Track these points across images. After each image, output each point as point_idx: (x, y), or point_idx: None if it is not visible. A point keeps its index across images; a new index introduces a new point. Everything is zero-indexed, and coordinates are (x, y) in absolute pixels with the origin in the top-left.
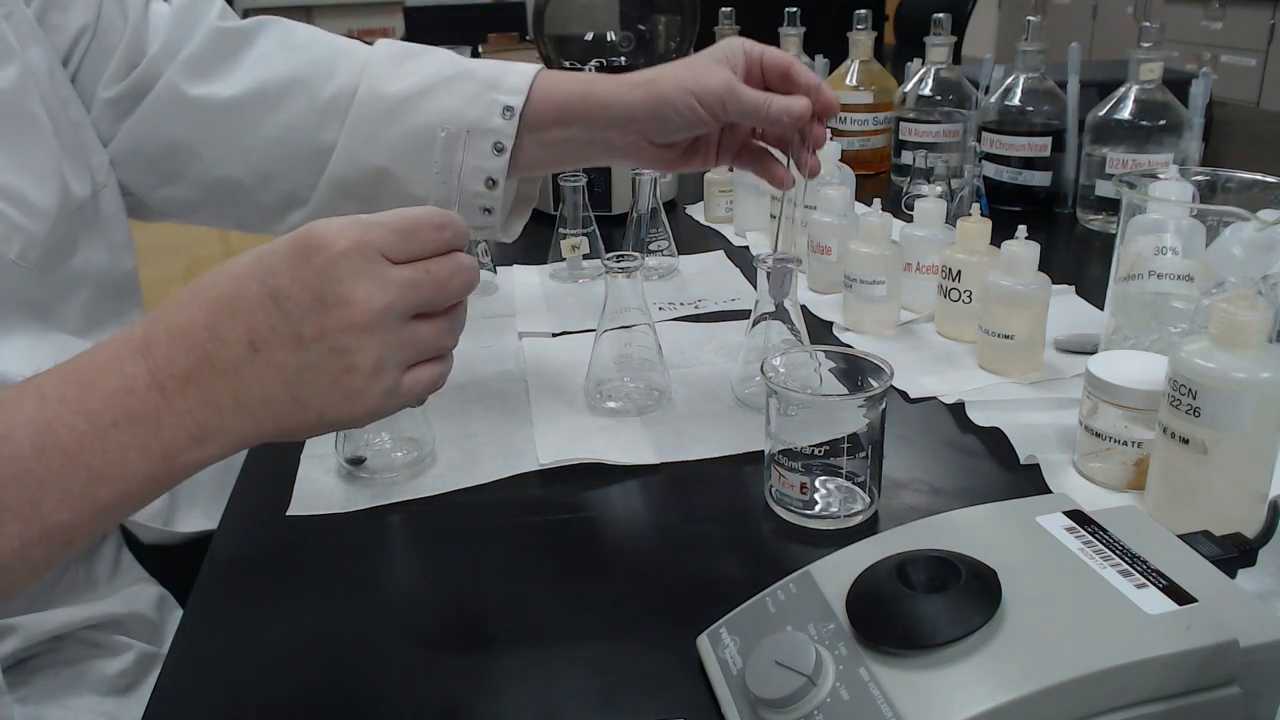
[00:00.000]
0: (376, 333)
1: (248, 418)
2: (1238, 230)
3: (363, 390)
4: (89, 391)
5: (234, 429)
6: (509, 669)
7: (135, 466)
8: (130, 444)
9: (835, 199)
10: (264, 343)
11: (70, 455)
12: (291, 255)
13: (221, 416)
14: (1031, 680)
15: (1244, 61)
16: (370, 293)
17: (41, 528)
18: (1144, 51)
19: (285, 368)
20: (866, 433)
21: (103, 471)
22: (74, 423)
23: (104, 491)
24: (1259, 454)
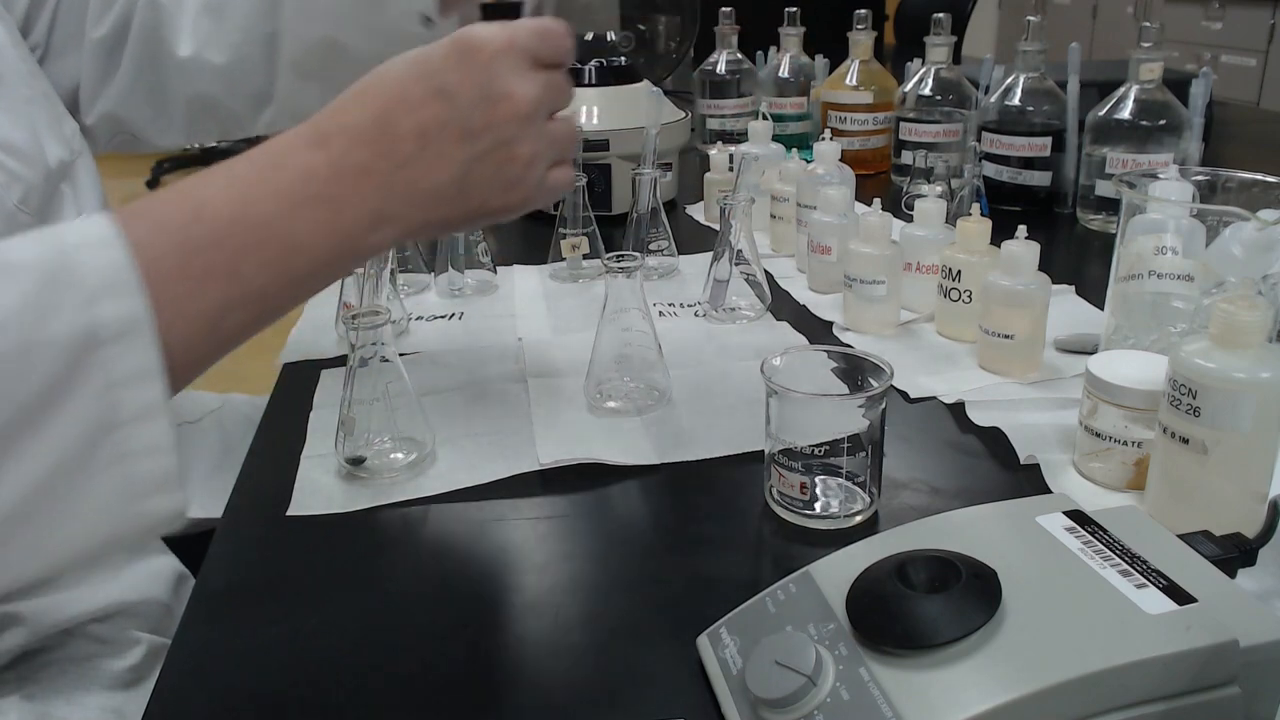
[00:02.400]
0: (532, 125)
1: (418, 207)
2: (1238, 230)
3: (520, 179)
4: (275, 175)
5: (406, 217)
6: (509, 669)
7: (322, 243)
8: (316, 223)
9: (835, 199)
10: (434, 137)
11: (264, 227)
12: (454, 56)
13: (395, 205)
14: (1031, 680)
15: (1244, 61)
16: (526, 88)
17: (242, 290)
18: (1144, 51)
19: (453, 159)
20: (866, 433)
21: (295, 244)
22: (263, 201)
23: (298, 262)
24: (1259, 454)
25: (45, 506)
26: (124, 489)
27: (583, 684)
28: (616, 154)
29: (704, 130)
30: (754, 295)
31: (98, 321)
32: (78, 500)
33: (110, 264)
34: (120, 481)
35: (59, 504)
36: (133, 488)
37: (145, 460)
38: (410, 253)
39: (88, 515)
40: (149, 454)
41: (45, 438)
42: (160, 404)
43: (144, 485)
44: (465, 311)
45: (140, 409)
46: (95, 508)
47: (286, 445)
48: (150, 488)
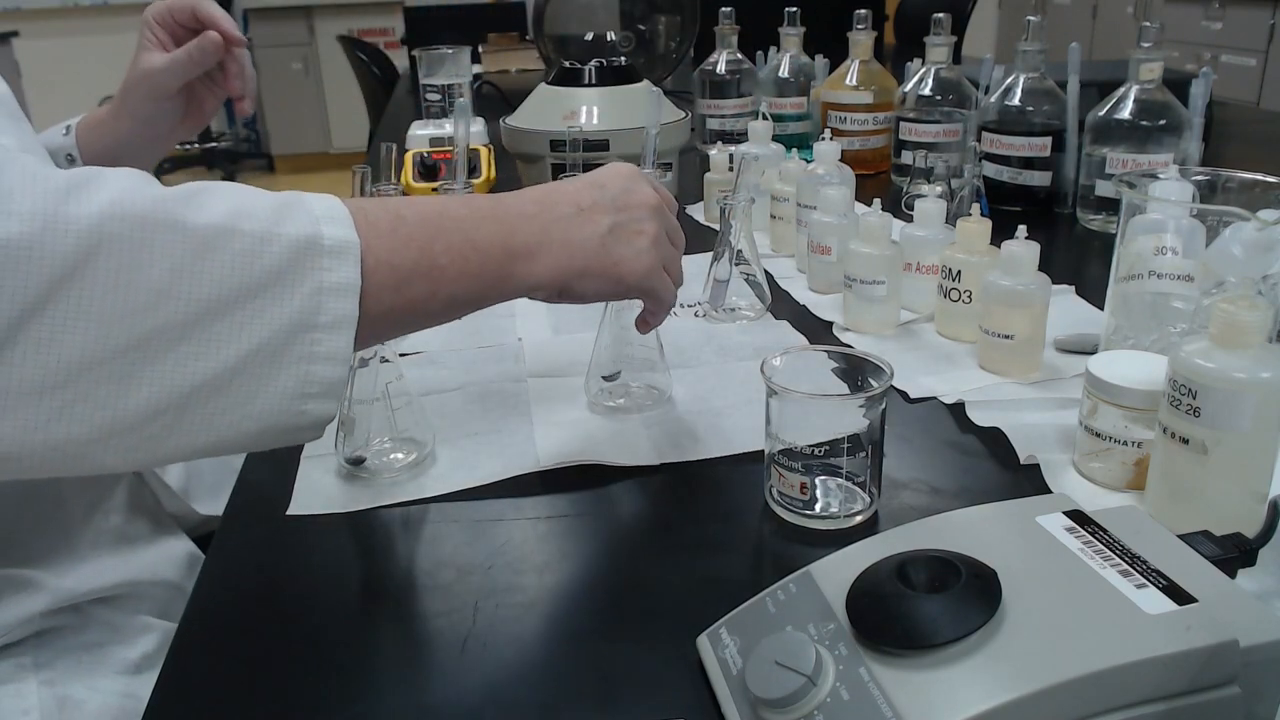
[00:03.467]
0: (656, 217)
1: (569, 251)
2: (1238, 230)
3: (646, 251)
4: (466, 202)
5: (557, 257)
6: (509, 669)
7: (494, 251)
8: (493, 234)
9: (835, 199)
10: (587, 207)
11: (455, 224)
12: (606, 169)
13: (552, 244)
14: (1031, 680)
15: (1244, 61)
16: (654, 193)
17: (430, 263)
18: (1144, 51)
19: (600, 224)
20: (866, 433)
21: (475, 240)
22: (460, 209)
23: (473, 258)
24: (1259, 454)
25: (239, 381)
26: (299, 385)
27: (583, 684)
28: (616, 154)
29: (704, 130)
30: (754, 295)
31: (322, 233)
32: (264, 382)
33: (335, 207)
34: (299, 377)
35: (250, 382)
36: (307, 387)
37: (325, 365)
38: None
39: (265, 399)
40: (329, 360)
41: (260, 316)
42: (353, 319)
43: (317, 387)
44: None
45: (337, 318)
46: (273, 394)
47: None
48: (321, 390)
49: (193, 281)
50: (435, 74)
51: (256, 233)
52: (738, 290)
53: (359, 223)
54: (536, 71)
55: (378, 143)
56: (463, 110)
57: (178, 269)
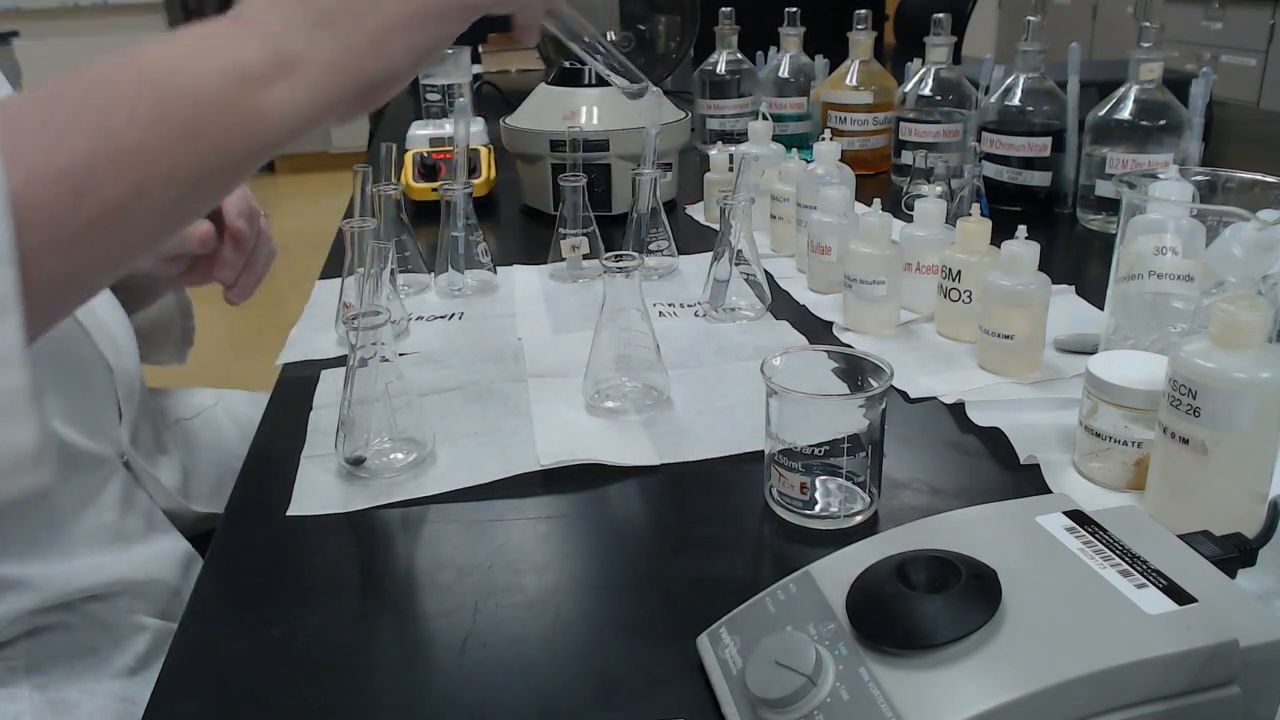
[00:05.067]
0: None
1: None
2: (1238, 230)
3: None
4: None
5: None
6: (509, 669)
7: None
8: (207, 63)
9: (835, 199)
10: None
11: (143, 73)
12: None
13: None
14: (1031, 680)
15: (1244, 61)
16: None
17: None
18: (1144, 51)
19: None
20: (866, 433)
21: (176, 87)
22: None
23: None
24: (1259, 454)
25: None
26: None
27: (583, 684)
28: (616, 154)
29: (704, 130)
30: (754, 295)
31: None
32: None
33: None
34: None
35: None
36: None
37: None
38: (410, 253)
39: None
40: None
41: None
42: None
43: None
44: (465, 311)
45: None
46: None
47: (286, 445)
48: None
49: None
50: (435, 74)
51: None
52: (738, 290)
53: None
54: (536, 71)
55: (378, 143)
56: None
57: None
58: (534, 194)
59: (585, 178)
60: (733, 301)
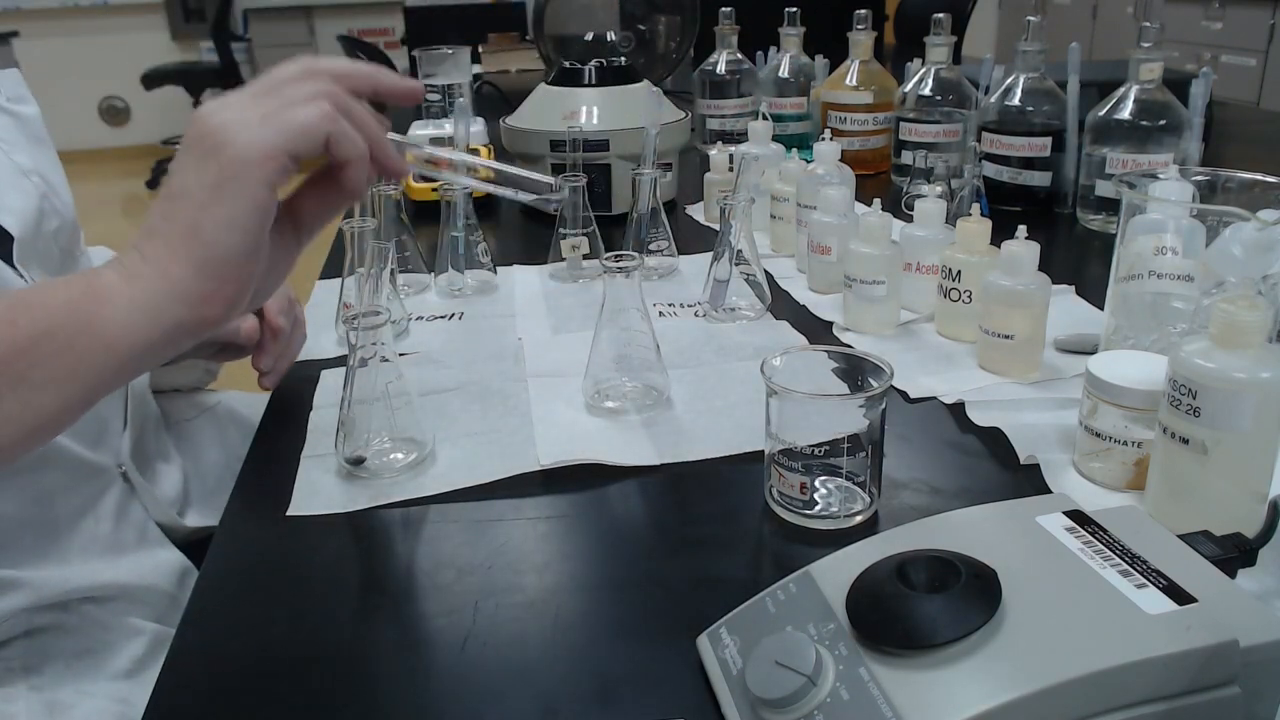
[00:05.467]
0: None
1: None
2: (1238, 230)
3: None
4: None
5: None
6: (509, 669)
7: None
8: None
9: (835, 199)
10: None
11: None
12: None
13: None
14: (1031, 680)
15: (1244, 61)
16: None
17: None
18: (1144, 51)
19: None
20: (866, 433)
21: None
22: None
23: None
24: (1259, 454)
25: None
26: None
27: (583, 684)
28: (616, 154)
29: (704, 130)
30: (754, 295)
31: None
32: None
33: None
34: None
35: None
36: None
37: None
38: (410, 253)
39: None
40: None
41: None
42: None
43: None
44: (465, 311)
45: None
46: None
47: (286, 445)
48: None
49: None
50: (435, 74)
51: None
52: (738, 290)
53: None
54: (536, 71)
55: None
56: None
57: None
58: None
59: (585, 178)
60: (733, 301)
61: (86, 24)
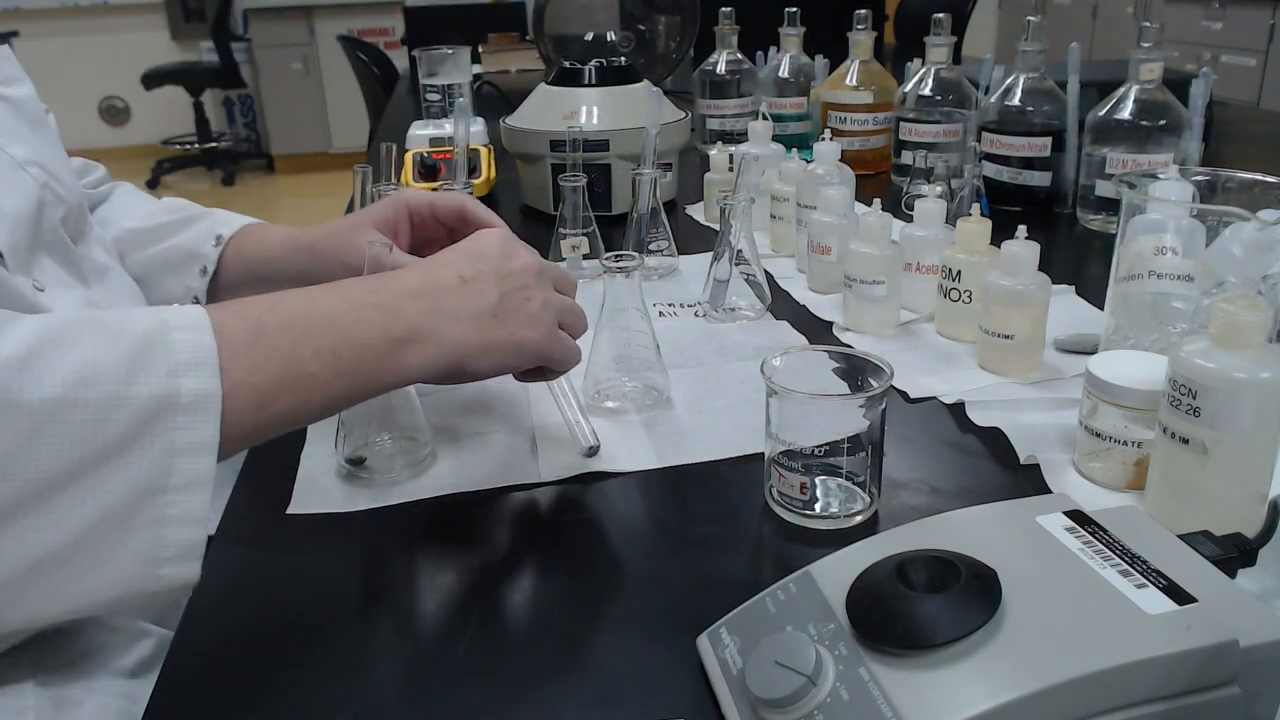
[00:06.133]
0: (541, 280)
1: (461, 327)
2: (1238, 230)
3: (537, 318)
4: (342, 290)
5: (449, 334)
6: (509, 669)
7: (376, 342)
8: (375, 325)
9: (835, 199)
10: (471, 278)
11: (329, 320)
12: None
13: (442, 323)
14: (1031, 680)
15: (1244, 61)
16: (530, 255)
17: (296, 373)
18: (1144, 51)
19: (489, 293)
20: (866, 433)
21: (351, 336)
22: (334, 301)
23: (350, 357)
24: (1259, 454)
25: (83, 551)
26: (152, 550)
27: (583, 684)
28: (616, 154)
29: (704, 130)
30: (754, 295)
31: (177, 390)
32: (111, 551)
33: (198, 344)
34: (151, 542)
35: (95, 552)
36: (160, 551)
37: (179, 528)
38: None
39: (115, 567)
40: (183, 523)
41: (103, 485)
42: (208, 478)
43: (171, 550)
44: None
45: (190, 478)
46: (124, 561)
47: (286, 445)
48: (176, 554)
49: (27, 461)
50: (435, 74)
51: (101, 400)
52: (738, 290)
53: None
54: (536, 71)
55: (378, 143)
56: (463, 110)
57: (9, 451)
58: (534, 194)
59: (585, 178)
60: (733, 301)
61: (86, 24)
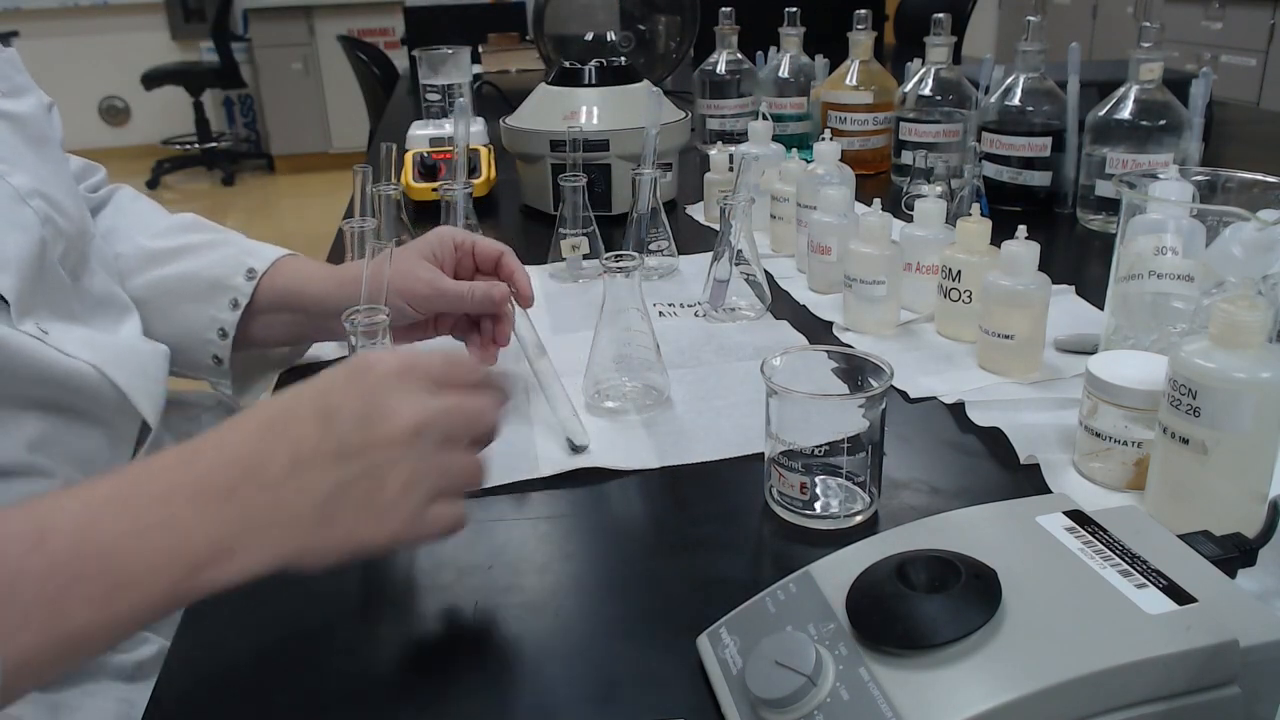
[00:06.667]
0: (411, 450)
1: (277, 534)
2: (1238, 230)
3: (391, 508)
4: (134, 494)
5: (261, 546)
6: (509, 669)
7: (160, 575)
8: (161, 550)
9: (835, 199)
10: (306, 459)
11: (104, 557)
12: (345, 376)
13: (253, 532)
14: (1031, 680)
15: (1244, 61)
16: (412, 410)
17: (62, 631)
18: (1144, 51)
19: (322, 484)
20: (866, 433)
21: (130, 577)
22: (114, 523)
23: (124, 599)
24: (1259, 454)
25: None
26: None
27: (583, 684)
28: (616, 154)
29: (704, 130)
30: (754, 295)
31: None
32: None
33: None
34: None
35: None
36: None
37: None
38: None
39: None
40: None
41: None
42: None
43: None
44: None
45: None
46: None
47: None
48: None
49: None
50: (435, 74)
51: None
52: (738, 290)
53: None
54: (536, 71)
55: (378, 143)
56: (463, 110)
57: None
58: (534, 194)
59: (585, 178)
60: (733, 301)
61: (86, 24)
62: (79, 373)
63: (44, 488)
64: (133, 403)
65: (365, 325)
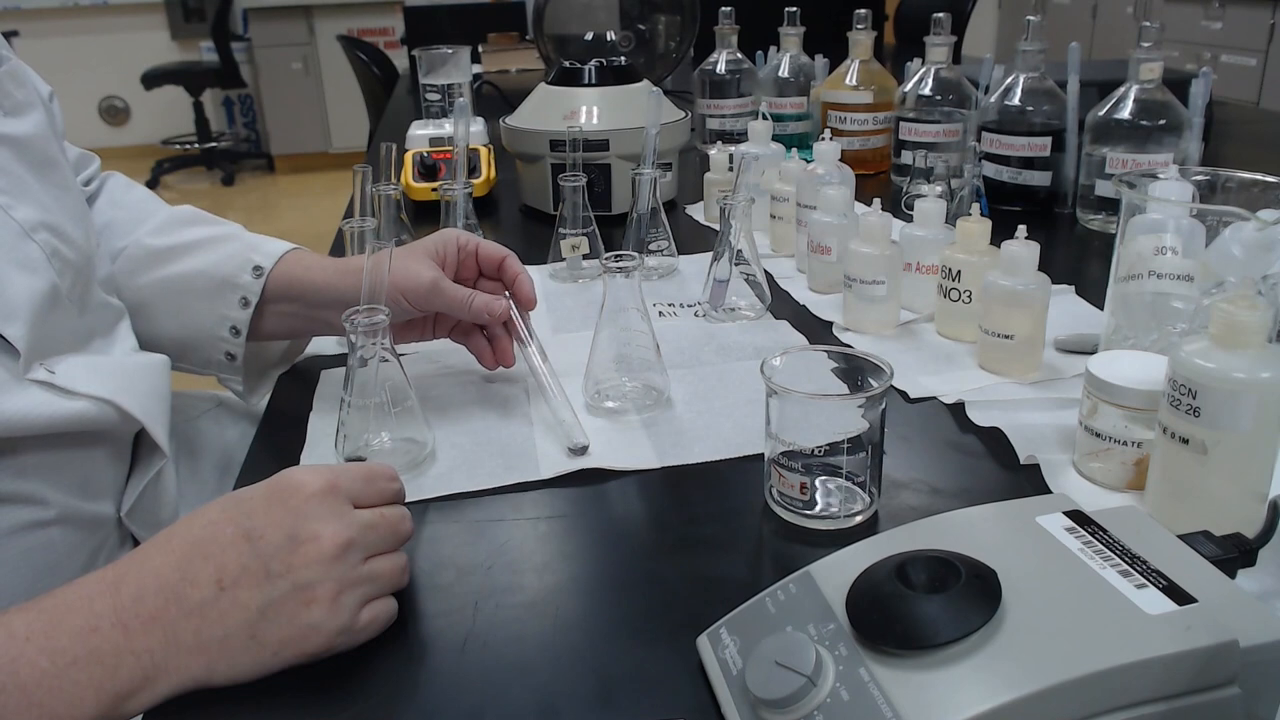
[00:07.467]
0: (338, 566)
1: (203, 657)
2: (1238, 230)
3: (320, 624)
4: (56, 628)
5: (187, 669)
6: (509, 669)
7: (86, 708)
8: (86, 683)
9: (835, 199)
10: (232, 581)
11: (27, 694)
12: (267, 498)
13: (179, 656)
14: (1031, 680)
15: (1244, 61)
16: (337, 529)
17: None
18: (1144, 51)
19: (249, 605)
20: (866, 433)
21: (55, 713)
22: (37, 660)
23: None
24: (1259, 454)
25: None
26: None
27: (582, 684)
28: (616, 154)
29: (704, 130)
30: (754, 295)
31: None
32: None
33: None
34: None
35: None
36: None
37: None
38: None
39: None
40: None
41: None
42: None
43: None
44: None
45: None
46: None
47: (286, 445)
48: None
49: None
50: (435, 74)
51: None
52: (738, 290)
53: None
54: (536, 71)
55: (378, 143)
56: (462, 110)
57: None
58: (534, 194)
59: (585, 178)
60: (733, 301)
61: (86, 24)
62: (89, 413)
63: (32, 516)
64: (149, 430)
65: (365, 325)
